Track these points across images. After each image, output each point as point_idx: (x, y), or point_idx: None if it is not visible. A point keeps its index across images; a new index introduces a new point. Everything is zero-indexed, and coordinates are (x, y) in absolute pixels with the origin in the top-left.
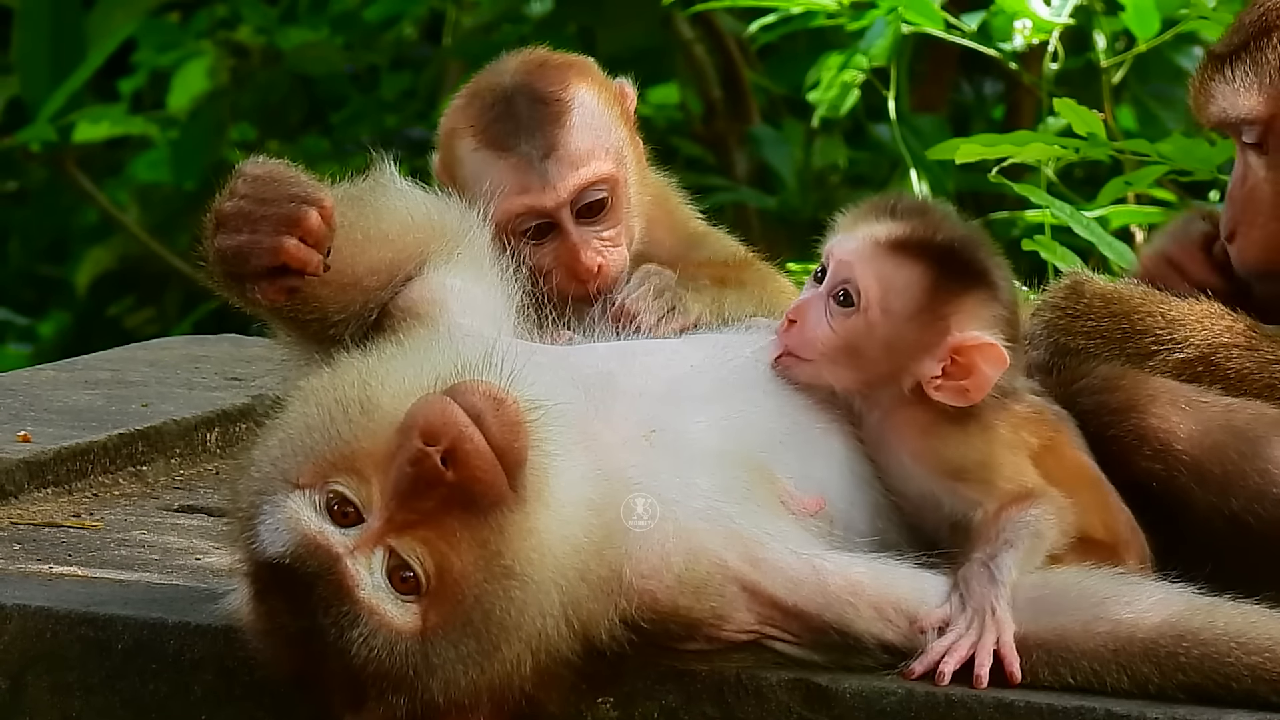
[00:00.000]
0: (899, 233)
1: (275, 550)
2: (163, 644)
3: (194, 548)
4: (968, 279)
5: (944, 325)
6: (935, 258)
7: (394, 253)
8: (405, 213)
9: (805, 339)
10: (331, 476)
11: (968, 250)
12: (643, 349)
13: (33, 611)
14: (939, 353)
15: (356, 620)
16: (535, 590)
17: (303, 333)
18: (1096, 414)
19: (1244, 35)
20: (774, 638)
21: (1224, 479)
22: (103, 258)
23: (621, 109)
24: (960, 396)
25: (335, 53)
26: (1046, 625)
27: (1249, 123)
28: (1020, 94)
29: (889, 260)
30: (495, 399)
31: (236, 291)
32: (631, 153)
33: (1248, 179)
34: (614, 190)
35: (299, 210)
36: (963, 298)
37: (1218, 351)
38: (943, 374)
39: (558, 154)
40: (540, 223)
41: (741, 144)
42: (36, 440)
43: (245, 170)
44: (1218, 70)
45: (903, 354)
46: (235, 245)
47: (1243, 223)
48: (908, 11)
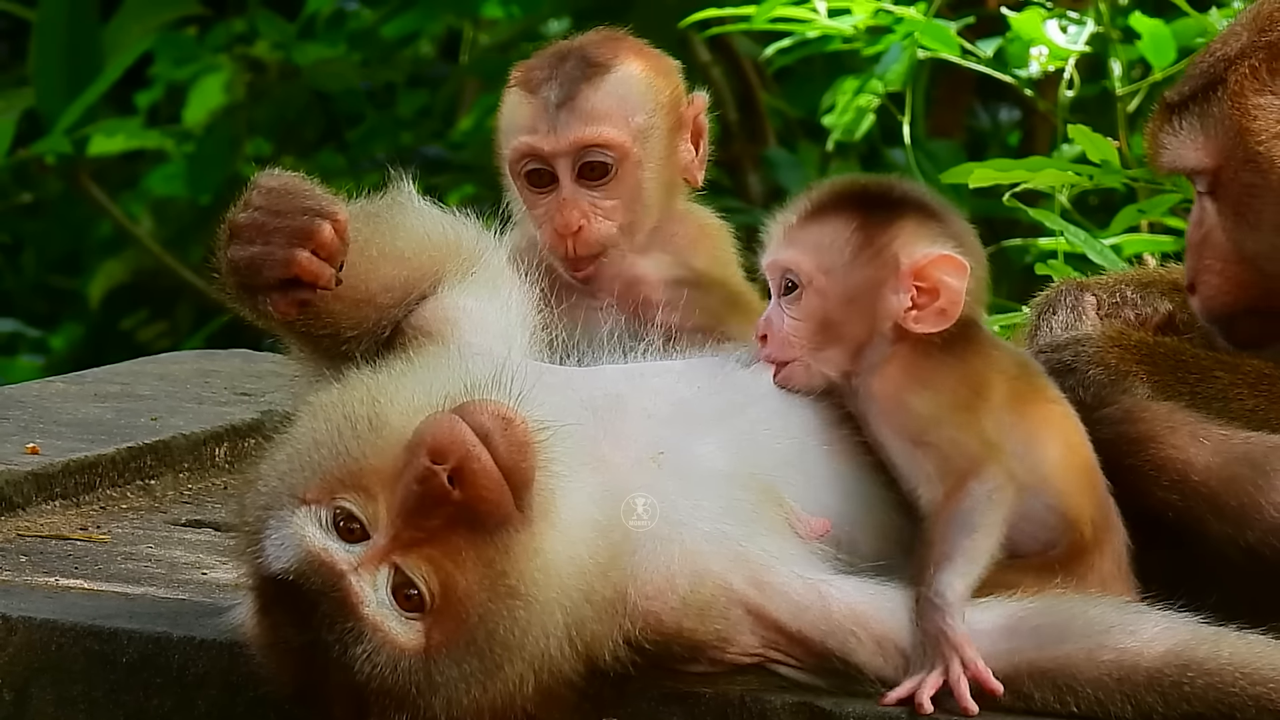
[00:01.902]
0: (808, 204)
1: (280, 565)
2: (167, 658)
3: (201, 562)
4: (894, 207)
5: (890, 256)
6: (851, 204)
7: (409, 271)
8: (422, 231)
9: (779, 342)
10: (338, 493)
11: (883, 186)
12: (651, 371)
13: (38, 624)
14: (899, 284)
15: (360, 637)
16: (539, 610)
17: (315, 348)
18: (1115, 444)
19: (1193, 86)
20: (778, 661)
21: (1240, 511)
22: (116, 271)
23: (672, 105)
24: (941, 318)
25: (352, 69)
26: (1050, 654)
27: (1197, 173)
28: (1036, 121)
29: (808, 230)
30: (504, 419)
31: (249, 304)
32: (661, 146)
33: (1203, 224)
34: (621, 161)
35: (313, 223)
36: (896, 224)
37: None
38: (913, 304)
39: (574, 104)
40: (541, 169)
41: (757, 166)
42: (45, 453)
43: (260, 182)
44: (1167, 120)
45: (866, 301)
46: (248, 257)
47: (1202, 270)
48: (924, 37)
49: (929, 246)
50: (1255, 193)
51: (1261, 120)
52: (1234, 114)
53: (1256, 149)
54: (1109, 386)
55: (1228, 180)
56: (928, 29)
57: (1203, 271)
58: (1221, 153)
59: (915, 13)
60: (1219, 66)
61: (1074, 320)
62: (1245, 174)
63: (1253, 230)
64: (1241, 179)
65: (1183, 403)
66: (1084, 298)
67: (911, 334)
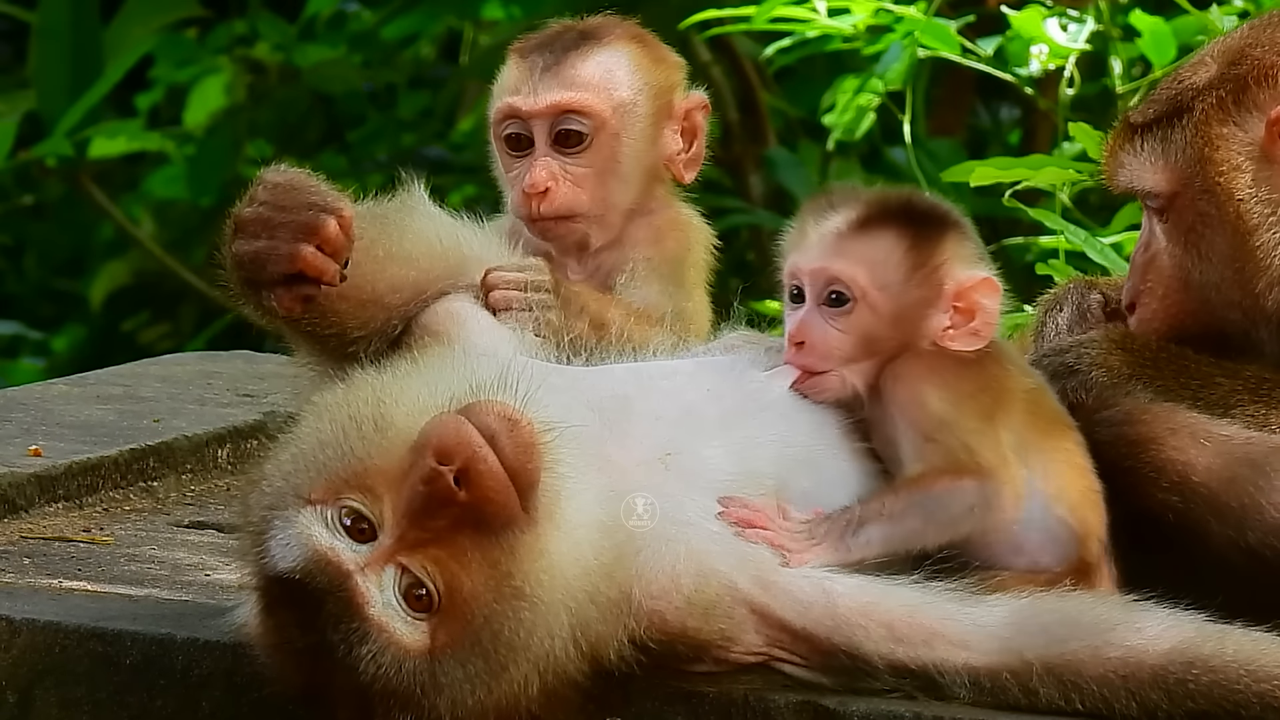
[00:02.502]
0: (853, 215)
1: (286, 565)
2: (171, 659)
3: (204, 564)
4: (938, 225)
5: (938, 276)
6: (902, 219)
7: (417, 273)
8: (434, 236)
9: (820, 353)
10: (344, 493)
11: (921, 202)
12: (659, 372)
13: (42, 626)
14: (943, 304)
15: (365, 637)
16: (544, 612)
17: (322, 348)
18: (1114, 446)
19: (1158, 110)
20: (782, 660)
21: (1241, 513)
22: (118, 273)
23: (661, 91)
24: (974, 338)
25: (353, 71)
26: (1057, 650)
27: (1154, 196)
28: (1036, 119)
29: (860, 243)
30: (510, 420)
31: (253, 300)
32: (643, 127)
33: (1151, 245)
34: (598, 132)
35: (318, 218)
36: (943, 242)
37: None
38: (951, 323)
39: (557, 70)
40: (520, 133)
41: (758, 166)
42: (48, 455)
43: (266, 178)
44: (1129, 140)
45: (912, 319)
46: (253, 251)
47: (1144, 292)
48: (924, 36)
49: (971, 269)
50: (1208, 222)
51: (1223, 151)
52: (1197, 142)
53: (1215, 180)
54: (1111, 389)
55: (1183, 207)
56: (928, 28)
57: (1144, 294)
58: (1180, 179)
59: (915, 12)
60: (1186, 94)
61: (1078, 319)
62: (1201, 203)
63: (1201, 260)
64: (1197, 207)
65: (1185, 407)
66: (1090, 296)
67: (939, 351)
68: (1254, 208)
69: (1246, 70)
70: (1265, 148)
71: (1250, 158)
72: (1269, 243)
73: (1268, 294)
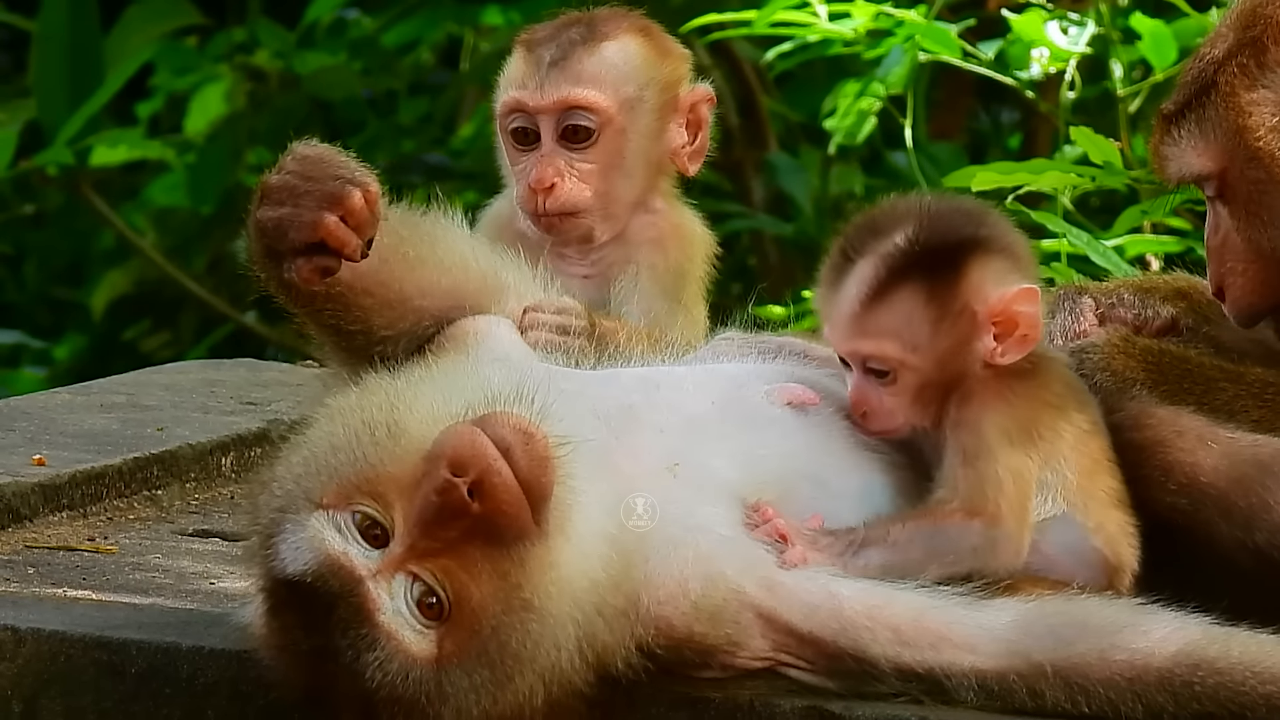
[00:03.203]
0: (863, 283)
1: (296, 569)
2: (176, 668)
3: (208, 572)
4: (953, 260)
5: (969, 312)
6: (913, 271)
7: (450, 282)
8: (468, 251)
9: (884, 420)
10: (356, 499)
11: (932, 235)
12: (665, 381)
13: (46, 635)
14: (982, 330)
15: (374, 644)
16: (552, 624)
17: (347, 345)
18: (1123, 452)
19: (1186, 93)
20: (788, 664)
21: (1249, 512)
22: (119, 281)
23: (668, 85)
24: (1024, 345)
25: (353, 77)
26: (1064, 654)
27: (1204, 178)
28: (1037, 122)
29: (879, 314)
30: (525, 433)
31: (274, 272)
32: (649, 121)
33: (1219, 229)
34: (604, 127)
35: (343, 188)
36: (964, 277)
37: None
38: (996, 341)
39: (564, 65)
40: (526, 127)
41: (758, 171)
42: (51, 464)
43: (297, 149)
44: (1166, 132)
45: (957, 357)
46: (276, 218)
47: (1225, 274)
48: (925, 40)
49: (998, 287)
50: (1263, 188)
51: (1257, 116)
52: (1229, 114)
53: (1256, 145)
54: (1115, 393)
55: (1234, 181)
56: (928, 32)
57: (1227, 275)
58: (1224, 155)
59: (916, 16)
60: (1209, 70)
61: (1072, 323)
62: (1250, 171)
63: (1267, 226)
64: (1248, 177)
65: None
66: (1082, 300)
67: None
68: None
69: (1261, 31)
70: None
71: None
72: None
73: None
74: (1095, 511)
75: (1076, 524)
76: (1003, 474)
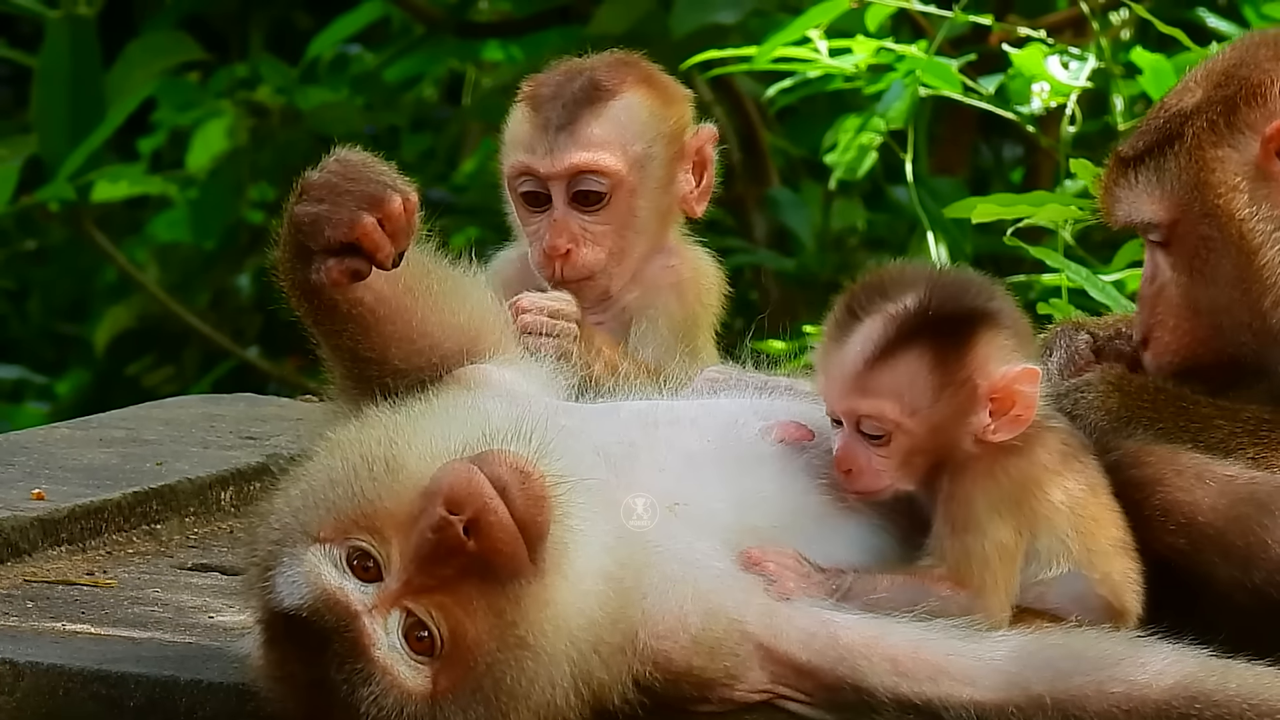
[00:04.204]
0: (869, 341)
1: (293, 602)
2: (175, 702)
3: (207, 606)
4: (962, 330)
5: (970, 384)
6: (922, 335)
7: (470, 325)
8: (489, 299)
9: (869, 480)
10: (352, 533)
11: (943, 302)
12: (664, 418)
13: (45, 669)
14: (979, 406)
15: (369, 679)
16: (547, 661)
17: (360, 373)
18: (1122, 490)
19: (1149, 140)
20: (787, 697)
21: (1246, 551)
22: (122, 316)
23: (675, 134)
24: (1016, 425)
25: (355, 113)
26: (1062, 687)
27: (1153, 227)
28: (1039, 157)
29: (883, 374)
30: (522, 472)
31: (302, 274)
32: (659, 174)
33: (1156, 278)
34: (616, 189)
35: (385, 192)
36: (970, 350)
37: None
38: (991, 417)
39: (572, 129)
40: (536, 190)
41: (760, 206)
42: (51, 498)
43: (340, 153)
44: (1122, 174)
45: (951, 428)
46: (314, 214)
47: (1155, 325)
48: (926, 75)
49: (1003, 365)
50: (1211, 246)
51: (1220, 173)
52: (1192, 167)
53: (1215, 202)
54: (1111, 432)
55: (1184, 234)
56: (929, 67)
57: (1156, 327)
58: (1178, 206)
59: (917, 51)
60: (1175, 121)
61: (1068, 361)
62: (1202, 227)
63: (1208, 285)
64: (1199, 232)
65: (1186, 449)
66: (1079, 338)
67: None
68: (1256, 226)
69: (1235, 90)
70: (1261, 165)
71: (1247, 177)
72: (1273, 260)
73: (1273, 312)
74: (1100, 564)
75: (1082, 578)
76: (989, 550)
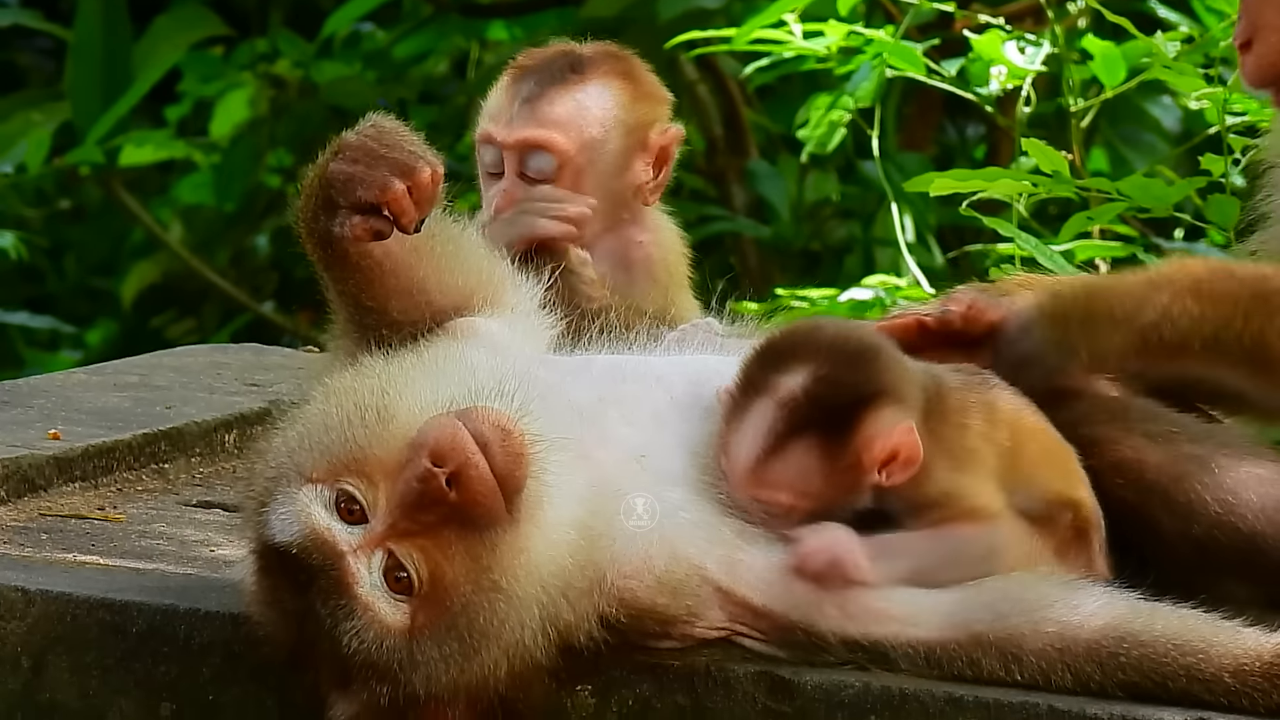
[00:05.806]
0: (762, 433)
1: (284, 538)
2: (174, 628)
3: (209, 540)
4: (849, 416)
5: (858, 461)
6: (809, 425)
7: (466, 284)
8: (485, 259)
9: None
10: (342, 476)
11: (828, 387)
12: (632, 373)
13: (55, 596)
14: (869, 472)
15: (352, 613)
16: (518, 604)
17: (360, 320)
18: (1078, 447)
19: None
20: (743, 635)
21: (1188, 507)
22: (148, 272)
23: (638, 128)
24: (908, 468)
25: (367, 87)
26: (1000, 626)
27: None
28: (999, 136)
29: (774, 469)
30: (503, 429)
31: (324, 224)
32: (612, 162)
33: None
34: (563, 168)
35: (416, 161)
36: (857, 434)
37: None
38: (881, 473)
39: (534, 105)
40: (493, 157)
41: (740, 178)
42: (66, 438)
43: (376, 119)
44: None
45: (854, 492)
46: (349, 173)
47: (1262, 27)
48: (893, 57)
49: (887, 435)
50: None
51: None
52: None
53: None
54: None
55: None
56: (896, 50)
57: (1262, 28)
58: None
59: (885, 35)
60: None
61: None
62: None
63: None
64: None
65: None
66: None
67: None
68: None
69: None
70: None
71: None
72: None
73: None
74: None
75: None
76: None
